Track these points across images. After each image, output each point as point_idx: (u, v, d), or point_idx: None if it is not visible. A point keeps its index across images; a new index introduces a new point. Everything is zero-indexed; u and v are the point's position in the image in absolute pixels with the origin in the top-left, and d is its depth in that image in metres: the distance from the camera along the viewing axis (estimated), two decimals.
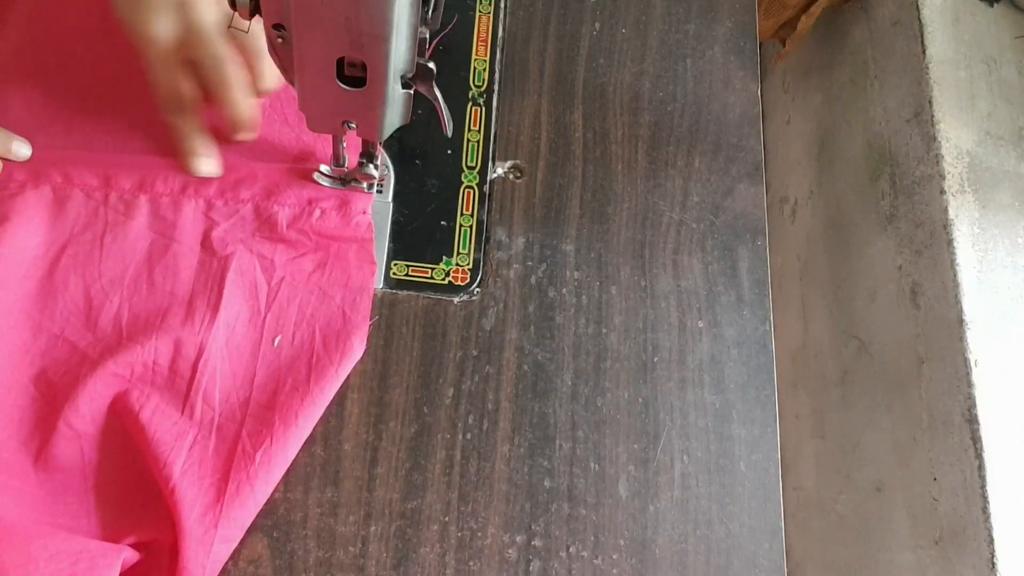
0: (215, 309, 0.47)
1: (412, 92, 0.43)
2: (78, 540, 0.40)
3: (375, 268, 0.51)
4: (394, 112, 0.44)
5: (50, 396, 0.45)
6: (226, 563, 0.44)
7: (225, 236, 0.50)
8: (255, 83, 0.51)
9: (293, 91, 0.43)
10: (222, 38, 0.48)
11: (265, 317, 0.49)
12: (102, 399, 0.44)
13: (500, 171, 0.58)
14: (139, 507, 0.44)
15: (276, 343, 0.48)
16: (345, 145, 0.50)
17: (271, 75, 0.51)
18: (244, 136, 0.52)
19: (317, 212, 0.51)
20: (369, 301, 0.50)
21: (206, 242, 0.50)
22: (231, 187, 0.51)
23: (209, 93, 0.50)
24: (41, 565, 0.37)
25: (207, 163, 0.51)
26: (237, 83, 0.49)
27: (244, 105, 0.50)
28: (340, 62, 0.40)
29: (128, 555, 0.41)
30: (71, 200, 0.49)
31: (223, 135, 0.52)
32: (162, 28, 0.47)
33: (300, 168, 0.53)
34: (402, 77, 0.41)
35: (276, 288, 0.50)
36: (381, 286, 0.53)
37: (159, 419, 0.44)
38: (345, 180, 0.53)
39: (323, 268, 0.51)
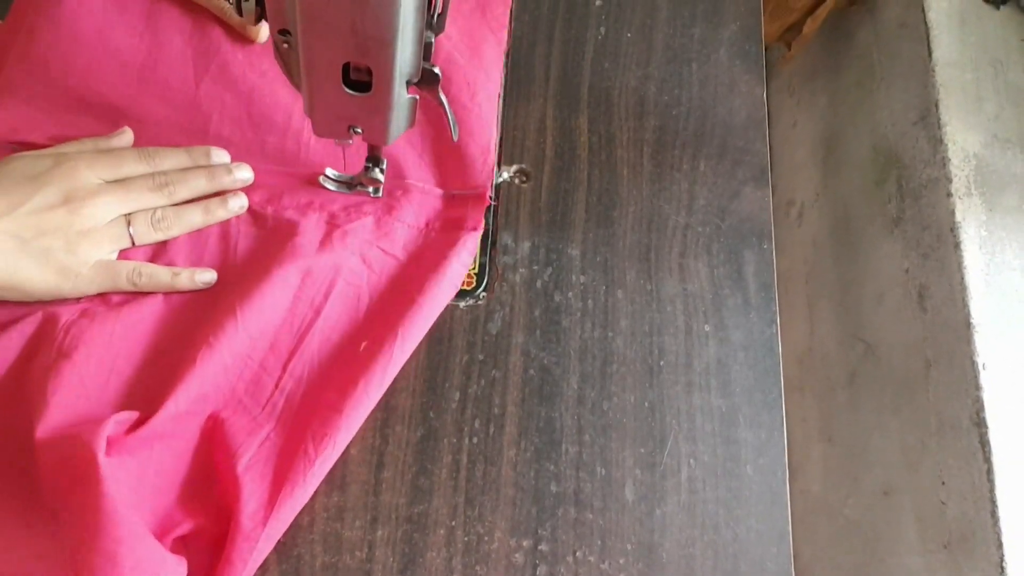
0: (317, 313, 0.49)
1: (417, 97, 0.43)
2: (159, 551, 0.39)
3: (458, 287, 0.52)
4: (400, 117, 0.44)
5: (165, 375, 0.45)
6: None
7: (344, 238, 0.51)
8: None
9: None
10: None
11: (360, 326, 0.50)
12: (207, 386, 0.45)
13: (506, 175, 0.58)
14: (192, 494, 0.44)
15: (362, 348, 0.49)
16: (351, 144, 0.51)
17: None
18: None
19: (433, 232, 0.53)
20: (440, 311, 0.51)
21: (325, 242, 0.51)
22: (355, 205, 0.53)
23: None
24: (126, 573, 0.37)
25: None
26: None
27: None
28: (346, 67, 0.40)
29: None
30: None
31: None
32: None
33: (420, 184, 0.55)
34: (408, 82, 0.42)
35: (376, 302, 0.50)
36: None
37: (239, 411, 0.45)
38: (351, 184, 0.53)
39: (421, 283, 0.51)
